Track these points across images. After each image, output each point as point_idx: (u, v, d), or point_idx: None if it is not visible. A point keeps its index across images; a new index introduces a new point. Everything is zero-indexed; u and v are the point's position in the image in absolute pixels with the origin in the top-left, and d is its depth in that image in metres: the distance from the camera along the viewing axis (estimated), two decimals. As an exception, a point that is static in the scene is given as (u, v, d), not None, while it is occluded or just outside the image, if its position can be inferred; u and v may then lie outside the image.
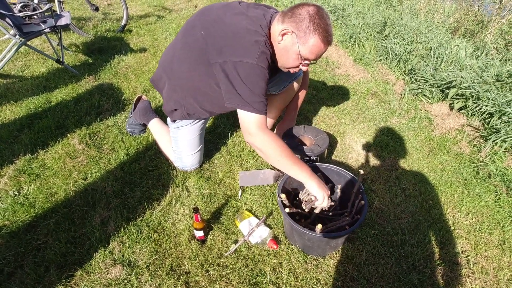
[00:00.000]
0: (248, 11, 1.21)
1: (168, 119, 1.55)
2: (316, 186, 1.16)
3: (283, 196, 1.20)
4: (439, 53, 2.61)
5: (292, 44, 1.15)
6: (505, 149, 1.79)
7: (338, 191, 1.39)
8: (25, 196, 1.44)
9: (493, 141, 1.84)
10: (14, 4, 2.78)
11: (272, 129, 1.82)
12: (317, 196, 1.18)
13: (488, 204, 1.57)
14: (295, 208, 1.32)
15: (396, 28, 3.13)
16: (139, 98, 1.91)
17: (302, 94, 1.64)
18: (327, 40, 1.13)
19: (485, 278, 1.24)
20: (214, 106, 1.39)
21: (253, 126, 1.15)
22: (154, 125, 1.75)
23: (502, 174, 1.68)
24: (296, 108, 1.65)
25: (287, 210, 1.19)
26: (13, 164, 1.61)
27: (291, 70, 1.27)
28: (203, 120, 1.54)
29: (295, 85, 1.57)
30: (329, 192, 1.21)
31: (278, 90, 1.59)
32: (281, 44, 1.17)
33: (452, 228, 1.44)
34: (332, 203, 1.25)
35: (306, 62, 1.20)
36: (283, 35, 1.14)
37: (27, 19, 2.34)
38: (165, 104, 1.48)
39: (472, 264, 1.29)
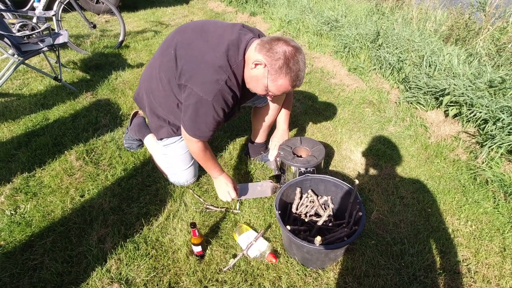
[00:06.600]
0: (222, 37, 1.22)
1: (155, 138, 1.57)
2: (220, 182, 1.47)
3: (288, 227, 1.20)
4: (431, 61, 2.64)
5: (262, 76, 1.20)
6: (501, 154, 1.80)
7: (329, 202, 1.39)
8: (22, 215, 1.44)
9: (489, 147, 1.85)
10: (13, 24, 2.83)
11: (267, 141, 1.83)
12: (218, 192, 1.51)
13: (487, 211, 1.57)
14: (293, 221, 1.31)
15: (389, 37, 3.18)
16: (135, 114, 1.92)
17: (288, 107, 1.66)
18: (295, 84, 1.20)
19: (487, 287, 1.22)
20: None
21: (188, 140, 1.35)
22: (149, 140, 1.75)
23: (500, 180, 1.68)
24: (286, 121, 1.66)
25: (288, 227, 1.18)
26: (10, 183, 1.61)
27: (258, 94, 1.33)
28: None
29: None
30: (233, 188, 1.47)
31: (263, 102, 1.62)
32: (252, 72, 1.22)
33: (452, 236, 1.43)
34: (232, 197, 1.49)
35: (271, 94, 1.26)
36: (256, 64, 1.19)
37: (25, 38, 2.38)
38: (150, 121, 1.51)
39: (473, 272, 1.27)
